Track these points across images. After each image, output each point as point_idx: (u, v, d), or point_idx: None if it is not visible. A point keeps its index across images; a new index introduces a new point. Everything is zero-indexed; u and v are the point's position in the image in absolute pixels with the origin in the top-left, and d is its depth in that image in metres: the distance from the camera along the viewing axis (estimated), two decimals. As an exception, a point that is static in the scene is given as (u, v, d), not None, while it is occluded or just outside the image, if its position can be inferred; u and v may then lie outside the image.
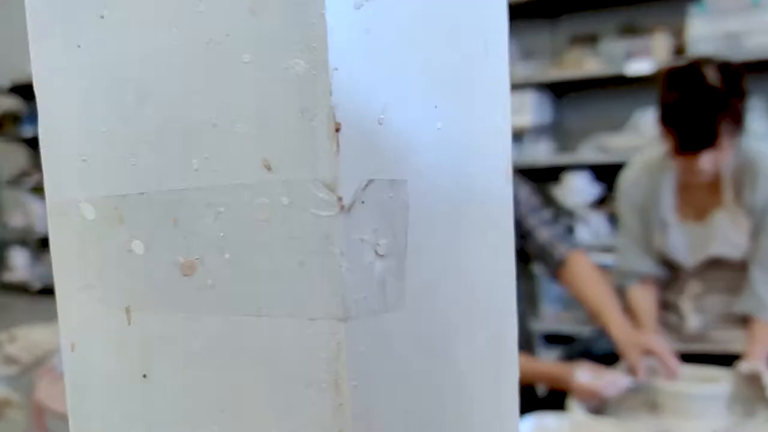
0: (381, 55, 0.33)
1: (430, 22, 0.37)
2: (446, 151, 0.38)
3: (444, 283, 0.39)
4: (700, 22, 2.95)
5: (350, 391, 0.31)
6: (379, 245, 0.33)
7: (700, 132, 1.39)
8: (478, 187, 0.42)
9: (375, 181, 0.32)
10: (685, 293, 1.65)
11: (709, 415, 1.30)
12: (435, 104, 0.37)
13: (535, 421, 1.25)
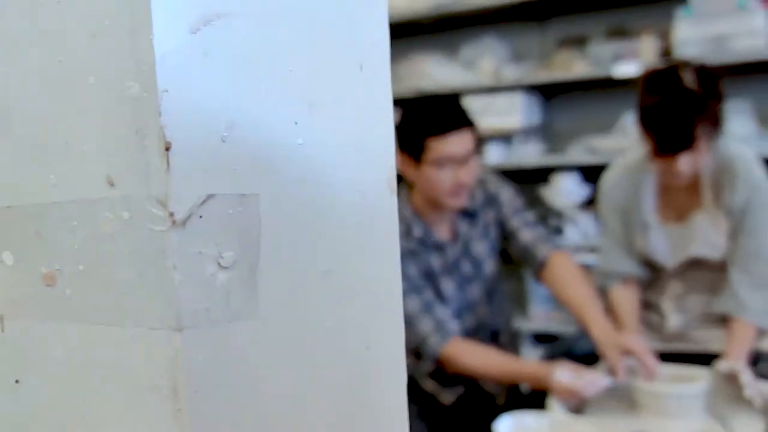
0: (224, 77, 0.34)
1: (289, 42, 0.38)
2: (311, 165, 0.39)
3: (311, 293, 0.40)
4: (686, 25, 2.95)
5: (189, 397, 0.33)
6: (223, 257, 0.34)
7: (677, 134, 1.39)
8: (355, 199, 0.43)
9: (216, 196, 0.33)
10: (666, 293, 1.66)
11: (687, 415, 1.30)
12: (295, 121, 0.38)
13: (514, 421, 1.25)
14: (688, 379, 1.35)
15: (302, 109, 0.39)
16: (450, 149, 1.51)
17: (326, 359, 0.41)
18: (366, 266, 0.44)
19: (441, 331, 1.54)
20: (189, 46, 0.33)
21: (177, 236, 0.32)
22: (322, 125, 0.40)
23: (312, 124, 0.40)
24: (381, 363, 0.46)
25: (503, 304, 1.79)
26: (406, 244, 1.61)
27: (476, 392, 1.67)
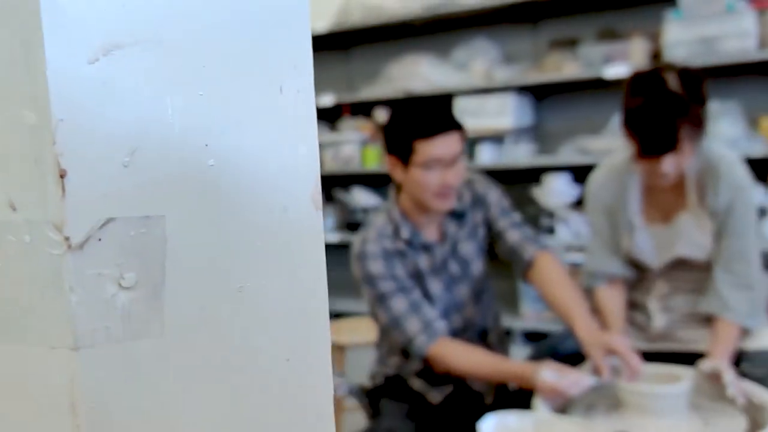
0: (124, 105, 0.35)
1: (198, 68, 0.39)
2: (224, 186, 0.40)
3: (225, 310, 0.41)
4: (676, 27, 2.95)
5: (87, 413, 0.34)
6: (124, 278, 0.35)
7: (661, 136, 1.40)
8: (274, 217, 0.44)
9: (116, 219, 0.35)
10: (652, 293, 1.66)
11: (670, 414, 1.30)
12: (205, 143, 0.39)
13: (497, 420, 1.26)
14: (672, 379, 1.36)
15: (213, 131, 0.40)
16: (437, 152, 1.52)
17: (241, 374, 0.42)
18: (287, 282, 0.45)
19: (428, 331, 1.55)
20: (86, 76, 0.34)
21: (73, 259, 0.33)
22: (237, 146, 0.41)
23: (224, 146, 0.41)
24: (303, 375, 0.47)
25: (491, 303, 1.80)
26: (393, 244, 1.62)
27: (464, 391, 1.68)
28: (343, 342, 2.21)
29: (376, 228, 1.66)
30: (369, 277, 1.60)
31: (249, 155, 0.42)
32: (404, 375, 1.72)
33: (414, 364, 1.66)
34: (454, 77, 3.60)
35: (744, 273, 1.52)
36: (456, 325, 1.70)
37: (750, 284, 1.52)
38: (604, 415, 1.37)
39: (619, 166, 1.62)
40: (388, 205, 1.70)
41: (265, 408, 0.44)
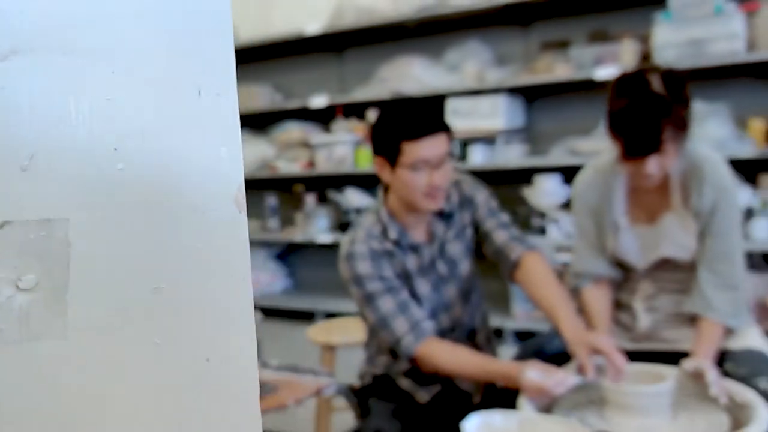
0: (22, 110, 0.35)
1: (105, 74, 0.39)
2: (135, 189, 0.41)
3: (138, 310, 0.41)
4: (665, 29, 2.95)
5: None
6: (22, 280, 0.35)
7: (645, 138, 1.40)
8: (193, 219, 0.44)
9: (13, 222, 0.35)
10: (637, 294, 1.66)
11: (654, 413, 1.31)
12: (114, 147, 0.40)
13: (481, 419, 1.25)
14: (656, 378, 1.36)
15: (123, 135, 0.40)
16: (424, 153, 1.52)
17: (159, 373, 0.42)
18: (207, 282, 0.45)
19: (415, 331, 1.55)
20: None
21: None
22: (150, 150, 0.41)
23: (135, 150, 0.41)
24: (225, 374, 0.47)
25: (480, 303, 1.79)
26: (381, 245, 1.62)
27: (452, 391, 1.68)
28: (334, 342, 2.20)
29: (364, 229, 1.65)
30: (357, 277, 1.60)
31: (164, 158, 0.43)
32: (392, 375, 1.71)
33: (402, 363, 1.66)
34: (446, 79, 3.60)
35: (728, 273, 1.52)
36: (444, 325, 1.69)
37: (734, 284, 1.52)
38: (589, 414, 1.36)
39: (605, 167, 1.62)
40: (377, 206, 1.70)
41: (185, 407, 0.44)
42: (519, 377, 1.38)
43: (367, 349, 1.80)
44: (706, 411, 1.33)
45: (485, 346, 1.79)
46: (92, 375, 0.38)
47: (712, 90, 3.12)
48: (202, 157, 0.44)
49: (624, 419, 1.31)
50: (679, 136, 1.41)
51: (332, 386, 1.62)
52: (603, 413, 1.36)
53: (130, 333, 0.40)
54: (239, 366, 0.47)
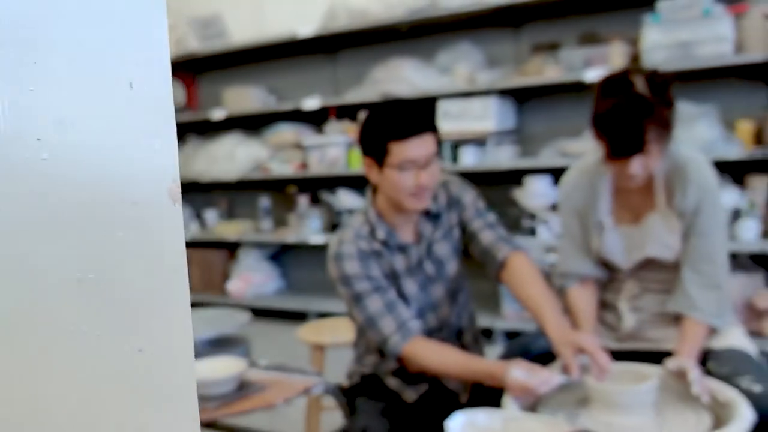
0: None
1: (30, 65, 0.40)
2: (60, 179, 0.41)
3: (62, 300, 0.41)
4: (654, 32, 2.96)
5: None
6: None
7: (629, 138, 1.40)
8: (123, 210, 0.44)
9: None
10: (623, 293, 1.66)
11: (637, 411, 1.31)
12: (37, 138, 0.40)
13: (465, 418, 1.25)
14: (639, 377, 1.36)
15: (47, 126, 0.40)
16: (411, 153, 1.52)
17: (87, 364, 0.42)
18: (137, 274, 0.46)
19: (402, 331, 1.55)
20: None
21: None
22: (77, 141, 0.42)
23: (60, 140, 0.41)
24: (158, 365, 0.47)
25: (467, 303, 1.79)
26: (369, 245, 1.62)
27: (439, 390, 1.68)
28: (323, 342, 2.20)
29: (353, 229, 1.65)
30: (345, 277, 1.59)
31: (92, 149, 0.43)
32: (380, 374, 1.71)
33: (390, 363, 1.66)
34: (438, 81, 3.60)
35: (711, 273, 1.52)
36: (431, 324, 1.69)
37: (717, 284, 1.53)
38: (573, 413, 1.36)
39: (590, 168, 1.62)
40: (365, 206, 1.69)
41: (116, 399, 0.44)
42: (504, 376, 1.38)
43: (355, 349, 1.80)
44: (689, 410, 1.34)
45: (472, 346, 1.79)
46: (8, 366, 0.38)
47: (701, 92, 3.13)
48: (133, 149, 0.44)
49: (607, 418, 1.31)
50: (662, 137, 1.42)
51: (320, 385, 1.61)
52: (587, 412, 1.36)
53: (54, 323, 0.40)
54: (174, 358, 0.47)
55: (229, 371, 1.54)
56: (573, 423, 1.30)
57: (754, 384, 1.34)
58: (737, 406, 1.26)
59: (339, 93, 4.19)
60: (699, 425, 1.28)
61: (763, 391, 1.32)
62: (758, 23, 2.82)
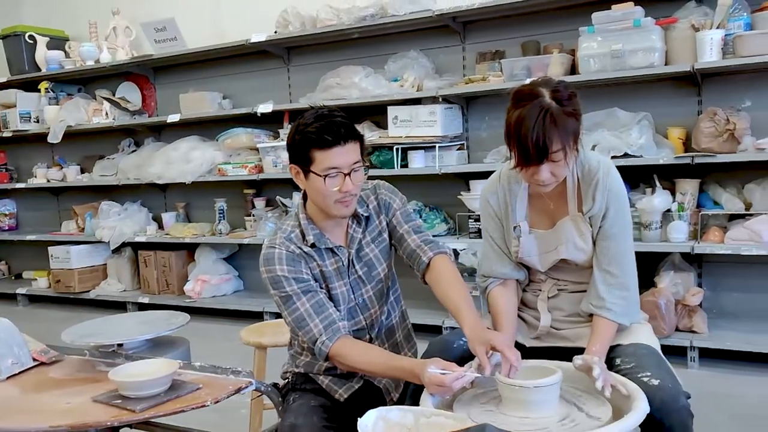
0: None
1: None
2: None
3: None
4: (590, 42, 3.03)
5: None
6: None
7: (536, 147, 1.44)
8: None
9: None
10: (541, 294, 1.71)
11: (543, 405, 1.35)
12: None
13: (378, 414, 1.28)
14: (547, 373, 1.40)
15: None
16: (335, 161, 1.54)
17: None
18: None
19: (330, 331, 1.57)
20: None
21: None
22: None
23: None
24: None
25: (399, 303, 1.83)
26: (299, 248, 1.64)
27: (370, 388, 1.71)
28: (265, 343, 2.22)
29: (283, 232, 1.67)
30: (275, 279, 1.62)
31: None
32: (313, 373, 1.73)
33: (322, 362, 1.68)
34: (388, 87, 3.64)
35: (620, 274, 1.58)
36: (362, 324, 1.72)
37: (626, 285, 1.58)
38: (484, 408, 1.40)
39: (509, 174, 1.67)
40: (297, 211, 1.72)
41: None
42: (421, 374, 1.41)
43: (290, 349, 1.82)
44: (593, 403, 1.39)
45: (405, 344, 1.83)
46: None
47: (636, 100, 3.23)
48: None
49: (516, 412, 1.36)
50: (569, 146, 1.46)
51: (252, 385, 1.63)
52: (499, 407, 1.40)
53: None
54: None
55: (160, 372, 1.55)
56: (482, 418, 1.35)
57: (653, 378, 1.40)
58: (636, 400, 1.31)
59: (293, 98, 4.20)
60: (602, 417, 1.33)
61: (660, 384, 1.38)
62: (686, 34, 2.91)
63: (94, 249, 4.92)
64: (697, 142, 2.94)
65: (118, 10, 4.69)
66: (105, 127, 4.81)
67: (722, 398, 2.55)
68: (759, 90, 3.00)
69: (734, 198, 2.96)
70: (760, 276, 3.08)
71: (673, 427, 1.37)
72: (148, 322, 2.05)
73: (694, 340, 2.93)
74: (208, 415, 2.49)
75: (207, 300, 4.37)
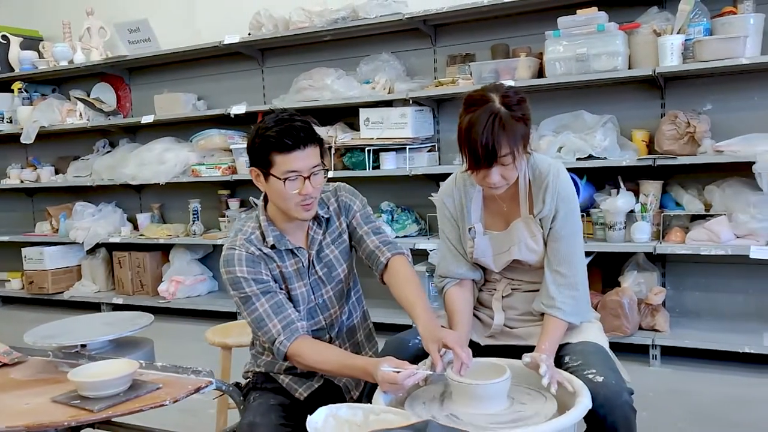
0: None
1: None
2: None
3: None
4: (555, 46, 3.08)
5: None
6: None
7: (485, 151, 1.48)
8: None
9: None
10: (495, 293, 1.75)
11: (491, 402, 1.39)
12: None
13: (328, 412, 1.31)
14: (497, 371, 1.44)
15: None
16: (294, 164, 1.57)
17: None
18: None
19: (288, 331, 1.60)
20: None
21: None
22: None
23: None
24: None
25: (360, 303, 1.86)
26: (259, 249, 1.66)
27: (330, 387, 1.73)
28: (230, 343, 2.24)
29: (244, 234, 1.70)
30: (234, 280, 1.64)
31: None
32: (274, 372, 1.76)
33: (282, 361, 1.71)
34: (359, 90, 3.67)
35: (570, 274, 1.62)
36: (322, 324, 1.75)
37: (575, 284, 1.62)
38: (435, 405, 1.44)
39: (464, 177, 1.70)
40: (258, 212, 1.74)
41: None
42: (374, 372, 1.44)
43: (252, 348, 1.85)
44: (540, 399, 1.43)
45: (366, 344, 1.86)
46: None
47: (601, 103, 3.29)
48: None
49: (466, 409, 1.39)
50: (518, 150, 1.50)
51: (212, 385, 1.65)
52: (449, 404, 1.43)
53: None
54: None
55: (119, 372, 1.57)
56: (433, 415, 1.38)
57: (598, 375, 1.44)
58: (579, 395, 1.36)
59: (268, 100, 4.22)
60: (547, 412, 1.37)
61: (604, 381, 1.43)
62: (648, 39, 2.98)
63: (68, 250, 4.90)
64: (660, 144, 3.00)
65: (92, 10, 4.68)
66: (79, 128, 4.79)
67: (681, 395, 2.61)
68: (719, 93, 3.07)
69: (695, 199, 3.03)
70: (720, 275, 3.16)
71: (616, 422, 1.41)
72: (112, 323, 2.06)
73: (656, 338, 2.99)
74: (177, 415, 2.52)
75: (181, 301, 4.37)
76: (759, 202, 2.75)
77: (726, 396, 2.56)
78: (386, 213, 3.74)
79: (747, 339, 2.85)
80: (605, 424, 1.42)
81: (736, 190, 2.86)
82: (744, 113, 3.01)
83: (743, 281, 3.10)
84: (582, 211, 3.15)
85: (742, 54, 2.73)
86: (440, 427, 1.18)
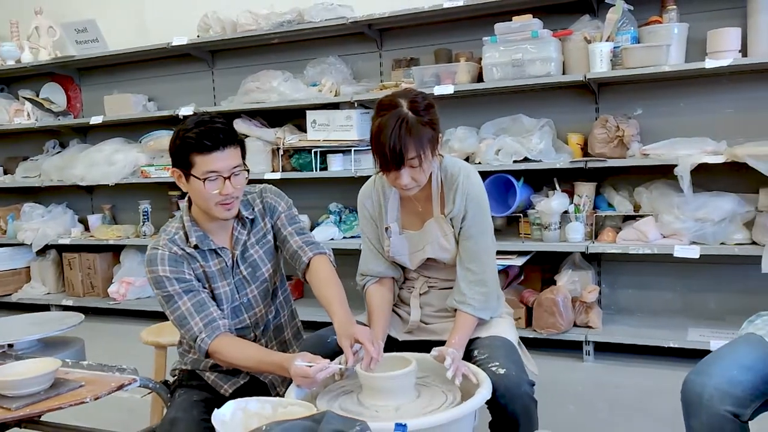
0: None
1: None
2: None
3: None
4: (492, 52, 3.17)
5: None
6: None
7: (393, 154, 1.54)
8: None
9: None
10: (413, 291, 1.81)
11: (398, 394, 1.45)
12: None
13: (236, 405, 1.35)
14: (405, 364, 1.50)
15: None
16: (214, 165, 1.61)
17: None
18: None
19: (209, 329, 1.64)
20: None
21: None
22: None
23: None
24: None
25: (288, 302, 1.91)
26: (183, 249, 1.70)
27: (256, 384, 1.78)
28: (163, 342, 2.26)
29: (168, 234, 1.73)
30: (157, 279, 1.67)
31: None
32: (200, 369, 1.80)
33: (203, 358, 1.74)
34: (306, 92, 3.71)
35: (479, 271, 1.69)
36: (247, 322, 1.79)
37: (485, 281, 1.70)
38: (344, 398, 1.49)
39: (382, 179, 1.77)
40: (182, 213, 1.78)
41: None
42: (289, 367, 1.49)
43: (179, 347, 1.88)
44: (445, 390, 1.49)
45: (293, 342, 1.91)
46: None
47: (540, 107, 3.38)
48: None
49: (374, 401, 1.45)
50: (425, 153, 1.57)
51: (136, 382, 1.68)
52: (359, 397, 1.49)
53: None
54: None
55: (41, 371, 1.59)
56: (342, 408, 1.44)
57: (501, 368, 1.51)
58: (481, 386, 1.43)
59: (218, 101, 4.24)
60: (450, 403, 1.44)
61: (505, 373, 1.50)
62: (580, 46, 3.08)
63: (17, 252, 4.83)
64: (592, 147, 3.11)
65: (40, 9, 4.63)
66: (27, 128, 4.73)
67: (607, 388, 2.72)
68: (649, 99, 3.19)
69: (625, 200, 3.14)
70: (650, 274, 3.28)
71: (516, 411, 1.49)
72: (40, 323, 2.07)
73: (589, 335, 3.09)
74: (116, 414, 2.53)
75: (131, 302, 4.35)
76: (682, 204, 2.87)
77: (648, 388, 2.67)
78: (334, 214, 3.78)
79: (672, 334, 2.98)
80: (506, 413, 1.49)
81: (661, 192, 2.98)
82: (671, 118, 3.14)
83: (670, 279, 3.23)
84: (519, 212, 3.26)
85: (665, 62, 2.85)
86: (336, 416, 1.23)
